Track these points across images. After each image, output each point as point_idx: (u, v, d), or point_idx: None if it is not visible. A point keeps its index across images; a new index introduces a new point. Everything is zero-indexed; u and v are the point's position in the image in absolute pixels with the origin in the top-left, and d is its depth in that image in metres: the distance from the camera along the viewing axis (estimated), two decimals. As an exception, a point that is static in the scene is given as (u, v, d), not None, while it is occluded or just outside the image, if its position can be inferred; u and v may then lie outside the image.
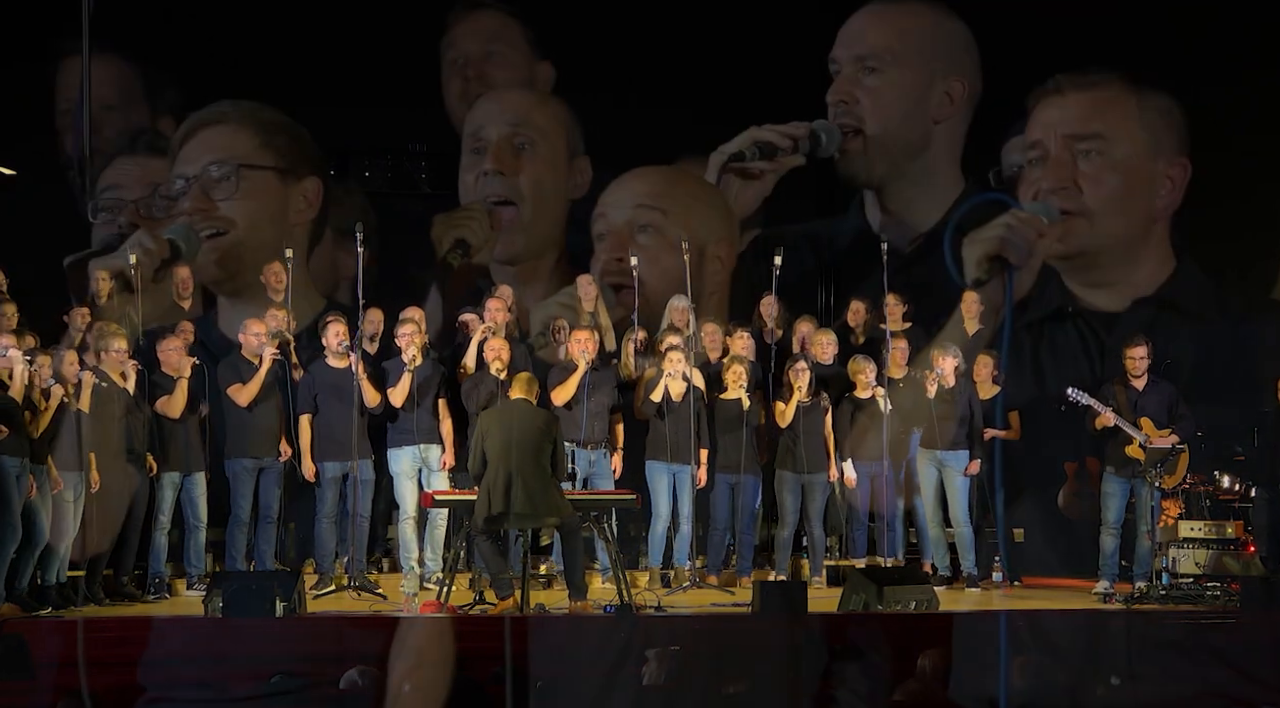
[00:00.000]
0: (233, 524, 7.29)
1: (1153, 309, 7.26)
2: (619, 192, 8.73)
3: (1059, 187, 7.00)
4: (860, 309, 8.26)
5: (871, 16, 9.08)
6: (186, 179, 8.31)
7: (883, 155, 9.04)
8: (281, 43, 8.75)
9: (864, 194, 9.20)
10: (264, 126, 8.58)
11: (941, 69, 8.98)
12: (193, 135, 8.52)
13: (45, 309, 7.67)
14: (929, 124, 9.02)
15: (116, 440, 6.76)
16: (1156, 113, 7.16)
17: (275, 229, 8.18)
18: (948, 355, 7.39)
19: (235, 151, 8.51)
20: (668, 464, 7.51)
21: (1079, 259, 7.12)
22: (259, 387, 7.25)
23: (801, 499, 7.65)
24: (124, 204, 8.49)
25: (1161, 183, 7.22)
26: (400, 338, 7.36)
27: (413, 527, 7.34)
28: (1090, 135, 7.04)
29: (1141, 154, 7.19)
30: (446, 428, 7.41)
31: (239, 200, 8.32)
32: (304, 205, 8.52)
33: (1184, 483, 7.47)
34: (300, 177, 8.49)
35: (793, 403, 7.58)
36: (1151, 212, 7.21)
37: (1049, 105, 7.24)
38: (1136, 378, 7.24)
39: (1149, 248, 7.24)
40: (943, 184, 9.03)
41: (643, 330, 7.91)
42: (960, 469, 7.50)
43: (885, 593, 6.46)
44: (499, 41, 9.53)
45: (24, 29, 8.83)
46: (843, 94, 8.92)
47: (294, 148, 8.62)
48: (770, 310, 8.19)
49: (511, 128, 9.09)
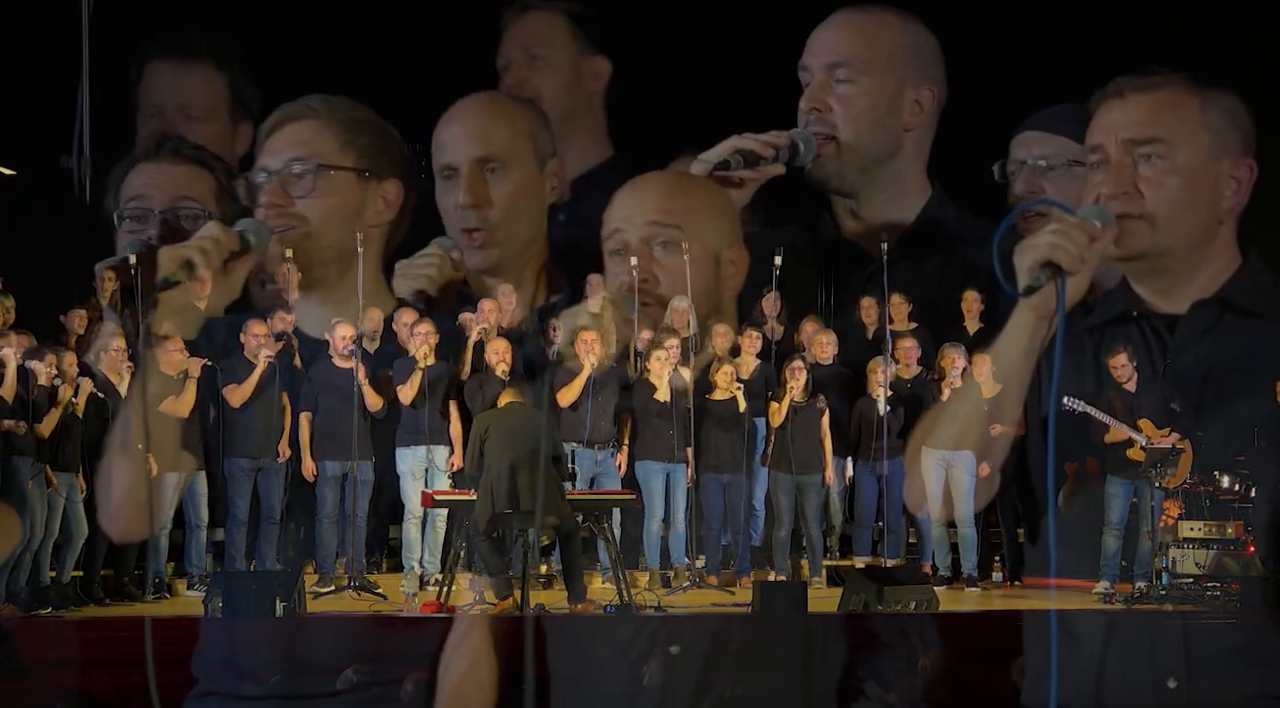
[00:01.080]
0: (231, 524, 7.30)
1: (1215, 310, 7.23)
2: (629, 207, 8.66)
3: (1119, 192, 6.90)
4: (871, 306, 8.31)
5: (842, 25, 9.10)
6: (268, 172, 8.25)
7: (855, 162, 9.09)
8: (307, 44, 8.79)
9: (832, 200, 9.24)
10: (350, 125, 8.50)
11: (912, 77, 9.03)
12: (279, 128, 8.44)
13: (45, 309, 7.68)
14: (900, 132, 9.08)
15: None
16: (1221, 113, 7.05)
17: (348, 229, 8.09)
18: (960, 355, 7.42)
19: (317, 150, 8.43)
20: (660, 464, 7.53)
21: (1143, 263, 7.04)
22: (253, 388, 7.27)
23: (797, 500, 7.66)
24: (151, 214, 8.45)
25: (1226, 184, 7.13)
26: (415, 337, 7.41)
27: (417, 527, 7.36)
28: (1150, 139, 6.93)
29: (1204, 157, 7.08)
30: (455, 429, 7.44)
31: (315, 199, 8.25)
32: (382, 206, 8.43)
33: (1184, 483, 7.46)
34: (382, 178, 8.41)
35: (785, 402, 7.60)
36: (1216, 214, 7.12)
37: (1110, 108, 7.14)
38: (1126, 383, 7.29)
39: (1214, 250, 7.18)
40: (911, 190, 9.13)
41: (648, 331, 7.92)
42: (967, 469, 7.51)
43: (885, 593, 6.47)
44: (543, 44, 9.52)
45: (23, 29, 8.83)
46: (815, 102, 8.95)
47: (378, 148, 8.53)
48: (771, 308, 8.22)
49: (479, 157, 9.04)
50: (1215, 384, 7.28)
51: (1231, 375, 7.34)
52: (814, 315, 8.47)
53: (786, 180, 8.89)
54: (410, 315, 7.72)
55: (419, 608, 6.63)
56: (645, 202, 8.47)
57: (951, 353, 7.48)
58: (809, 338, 8.18)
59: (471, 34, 9.27)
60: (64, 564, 6.66)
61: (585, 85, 9.56)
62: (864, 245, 8.66)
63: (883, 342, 7.93)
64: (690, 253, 8.14)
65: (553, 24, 9.53)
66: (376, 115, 8.65)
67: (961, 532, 7.59)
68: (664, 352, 7.48)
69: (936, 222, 8.93)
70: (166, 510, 6.98)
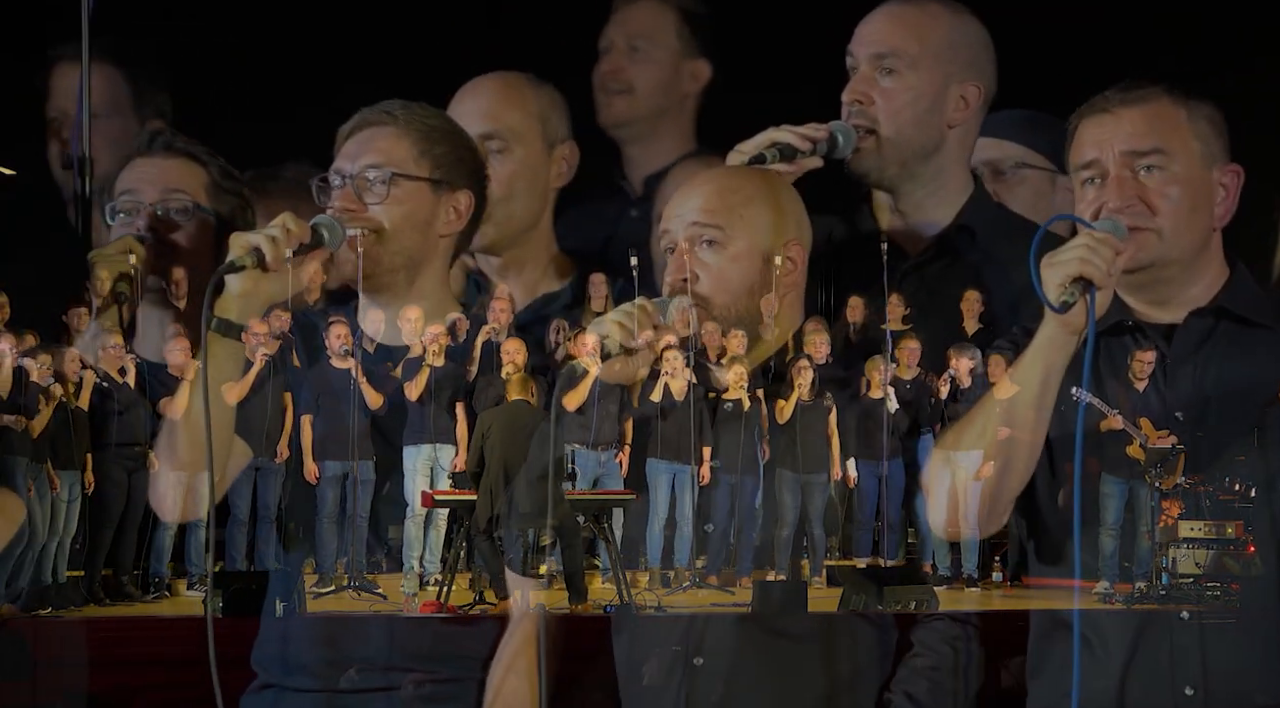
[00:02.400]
0: (231, 524, 7.31)
1: (1211, 319, 7.25)
2: (677, 206, 8.63)
3: (1125, 205, 6.87)
4: (859, 306, 8.26)
5: (890, 16, 9.02)
6: (343, 176, 8.23)
7: (895, 157, 9.00)
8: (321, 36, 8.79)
9: (874, 195, 9.18)
10: (426, 133, 8.42)
11: (958, 73, 8.94)
12: (357, 132, 8.38)
13: (46, 309, 7.67)
14: (943, 127, 8.98)
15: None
16: (1205, 121, 7.07)
17: (418, 237, 8.05)
18: (964, 356, 7.42)
19: (393, 158, 8.34)
20: (667, 463, 7.54)
21: (1144, 274, 7.05)
22: (249, 386, 7.28)
23: (801, 499, 7.69)
24: (142, 206, 8.42)
25: (1217, 191, 7.17)
26: (425, 336, 7.43)
27: (418, 526, 7.37)
28: (1149, 151, 6.93)
29: (1198, 165, 7.10)
30: (461, 430, 7.45)
31: (388, 205, 8.21)
32: (454, 217, 8.35)
33: (1184, 483, 7.47)
34: (455, 188, 8.35)
35: (792, 401, 7.62)
36: (1212, 222, 7.17)
37: (1098, 124, 7.14)
38: (1140, 380, 7.26)
39: (1209, 259, 7.22)
40: (953, 187, 9.00)
41: (648, 332, 7.90)
42: (971, 470, 7.52)
43: (885, 593, 6.50)
44: (646, 37, 9.47)
45: (23, 28, 8.82)
46: (858, 94, 8.87)
47: (454, 158, 8.45)
48: (770, 307, 8.21)
49: (482, 133, 9.03)
50: (1219, 393, 7.28)
51: (1236, 384, 7.35)
52: (817, 315, 8.45)
53: (826, 171, 8.84)
54: (415, 312, 7.72)
55: (419, 608, 6.64)
56: (690, 201, 8.40)
57: (954, 354, 7.48)
58: (806, 336, 8.18)
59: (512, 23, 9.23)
60: (46, 563, 6.64)
61: (682, 86, 9.54)
62: (901, 242, 8.59)
63: (881, 341, 7.95)
64: (733, 251, 8.08)
65: (662, 18, 9.51)
66: (455, 123, 8.62)
67: (963, 531, 7.60)
68: (674, 351, 7.48)
69: (972, 221, 8.87)
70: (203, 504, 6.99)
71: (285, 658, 5.48)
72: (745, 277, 8.21)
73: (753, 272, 8.33)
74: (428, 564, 7.36)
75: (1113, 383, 7.61)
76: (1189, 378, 7.26)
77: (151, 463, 7.01)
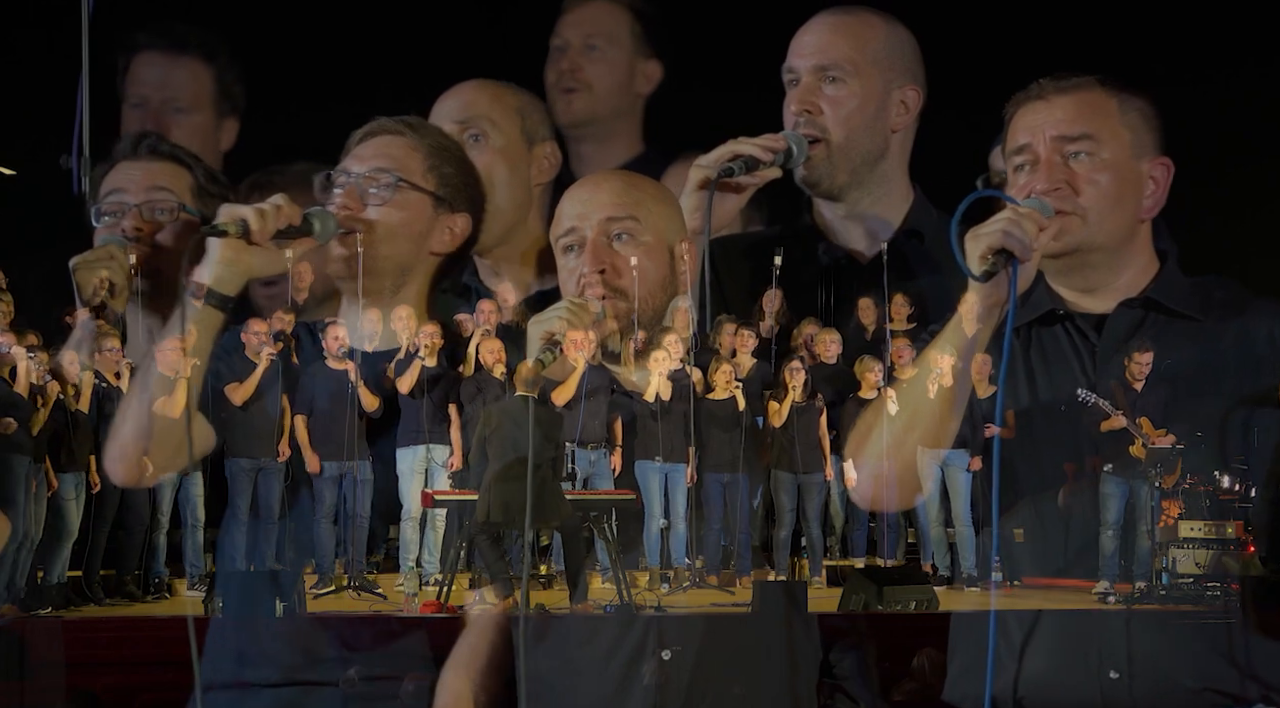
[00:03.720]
0: (232, 524, 7.31)
1: (1140, 310, 7.35)
2: (584, 203, 8.64)
3: (1052, 188, 6.98)
4: (869, 306, 8.33)
5: (829, 27, 9.10)
6: (349, 175, 8.24)
7: (845, 165, 9.08)
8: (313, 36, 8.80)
9: (816, 203, 9.24)
10: (437, 151, 8.49)
11: (897, 78, 9.05)
12: (371, 138, 8.42)
13: (45, 309, 7.67)
14: (888, 133, 9.08)
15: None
16: (1136, 113, 7.19)
17: (411, 247, 8.12)
18: (945, 355, 7.42)
19: (403, 166, 8.40)
20: (658, 463, 7.55)
21: (1070, 259, 7.14)
22: (254, 387, 7.29)
23: (799, 499, 7.70)
24: (127, 207, 8.43)
25: (1145, 183, 7.26)
26: (420, 334, 7.46)
27: (415, 527, 7.37)
28: (1079, 136, 7.04)
29: (1127, 155, 7.23)
30: (454, 430, 7.46)
31: (388, 209, 8.24)
32: (449, 237, 8.41)
33: (1184, 482, 7.48)
34: (455, 210, 8.41)
35: (787, 403, 7.65)
36: (1138, 212, 7.27)
37: (1032, 110, 7.27)
38: (1138, 381, 7.30)
39: (1135, 249, 7.31)
40: (897, 192, 9.13)
41: (643, 332, 7.93)
42: (963, 468, 7.55)
43: (885, 593, 6.50)
44: (601, 36, 9.56)
45: (22, 28, 8.82)
46: (806, 104, 8.94)
47: (459, 181, 8.53)
48: (771, 306, 8.25)
49: (460, 123, 9.05)
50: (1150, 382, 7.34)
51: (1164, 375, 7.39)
52: (813, 316, 8.48)
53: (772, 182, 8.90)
54: (405, 310, 7.74)
55: (419, 608, 6.63)
56: (599, 196, 8.45)
57: (937, 354, 7.47)
58: (809, 338, 8.19)
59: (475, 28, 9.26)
60: (54, 564, 6.64)
61: (636, 87, 9.60)
62: (847, 249, 8.66)
63: (882, 342, 7.97)
64: (645, 244, 8.16)
65: (617, 18, 9.56)
66: (465, 152, 8.69)
67: (959, 532, 7.62)
68: (662, 351, 7.50)
69: (920, 226, 8.96)
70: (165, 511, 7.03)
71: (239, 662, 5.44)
72: (659, 270, 8.30)
73: (663, 265, 8.40)
74: (427, 564, 7.36)
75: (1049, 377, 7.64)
76: (1118, 367, 7.31)
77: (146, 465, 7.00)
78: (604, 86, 9.62)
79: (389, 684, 5.58)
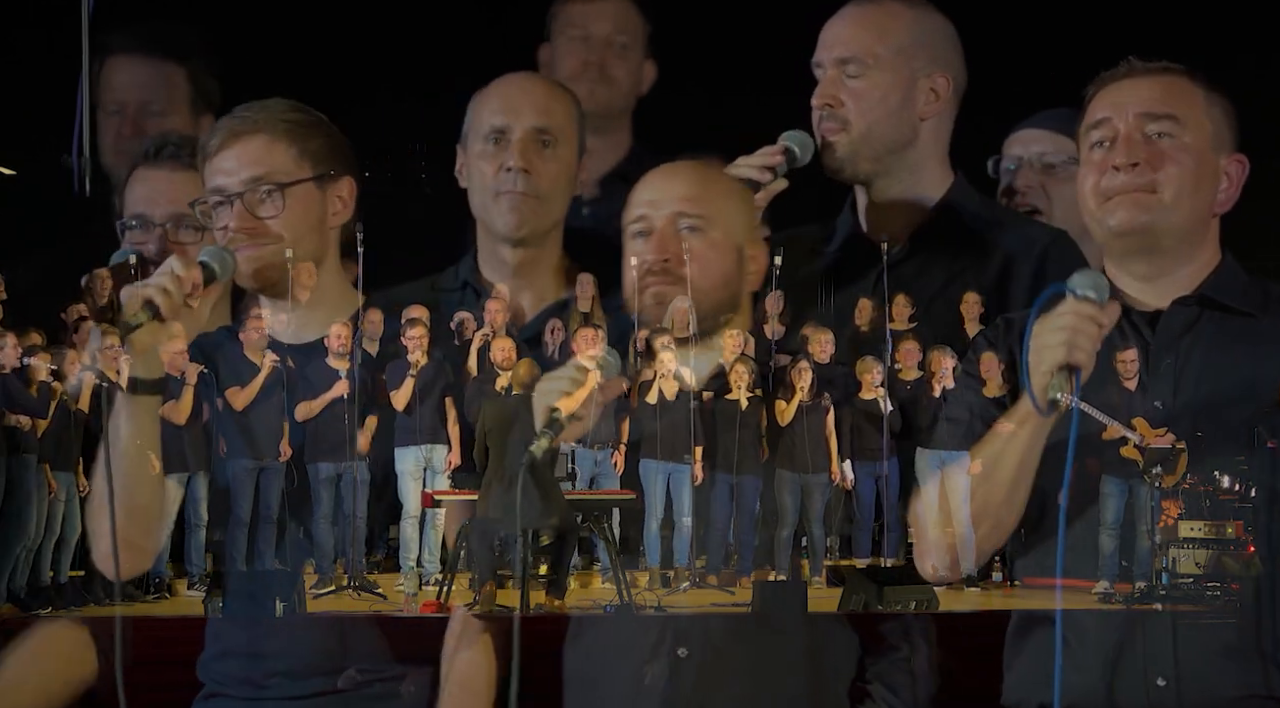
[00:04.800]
0: (233, 525, 7.31)
1: (1195, 307, 7.31)
2: (657, 191, 8.63)
3: (1131, 162, 6.94)
4: (867, 307, 8.32)
5: (851, 19, 9.06)
6: (227, 195, 8.21)
7: (867, 153, 9.03)
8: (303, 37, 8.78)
9: (854, 192, 9.18)
10: (297, 131, 8.33)
11: (924, 67, 8.98)
12: (226, 147, 8.33)
13: (46, 309, 7.68)
14: (915, 121, 9.02)
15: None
16: (1219, 108, 7.16)
17: (317, 237, 8.03)
18: (947, 356, 7.46)
19: (275, 166, 8.17)
20: (661, 463, 7.57)
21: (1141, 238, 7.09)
22: (257, 389, 7.28)
23: (801, 499, 7.72)
24: (153, 226, 8.40)
25: (1221, 178, 7.22)
26: (408, 339, 7.40)
27: (414, 527, 7.38)
28: (1164, 115, 6.96)
29: (1207, 145, 7.18)
30: (453, 428, 7.45)
31: (284, 216, 8.18)
32: (340, 206, 8.23)
33: (1184, 482, 7.47)
34: (336, 178, 8.33)
35: (794, 403, 7.66)
36: (1212, 205, 7.23)
37: (1118, 87, 7.20)
38: (1128, 380, 7.27)
39: (1203, 244, 7.27)
40: (930, 179, 9.02)
41: (644, 331, 7.92)
42: (963, 469, 7.52)
43: (885, 593, 6.51)
44: (627, 33, 9.56)
45: (22, 28, 8.82)
46: (827, 98, 8.91)
47: (328, 149, 8.36)
48: (774, 307, 8.25)
49: (536, 126, 8.98)
50: (1201, 383, 7.30)
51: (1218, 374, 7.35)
52: (813, 316, 8.48)
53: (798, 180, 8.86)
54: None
55: (419, 608, 6.65)
56: (673, 188, 8.40)
57: (939, 354, 7.52)
58: (807, 337, 8.21)
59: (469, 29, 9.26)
60: (60, 563, 6.67)
61: (637, 87, 9.61)
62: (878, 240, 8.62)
63: (881, 341, 7.97)
64: (713, 239, 8.09)
65: (634, 17, 9.56)
66: (314, 112, 8.62)
67: (959, 532, 7.60)
68: (668, 352, 7.51)
69: (956, 210, 8.86)
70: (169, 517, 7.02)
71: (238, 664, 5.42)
72: (724, 265, 8.26)
73: (730, 262, 8.37)
74: (427, 564, 7.37)
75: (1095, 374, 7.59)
76: (1170, 368, 7.27)
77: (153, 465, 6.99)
78: (625, 84, 9.59)
79: (389, 684, 5.57)
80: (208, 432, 7.31)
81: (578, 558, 7.41)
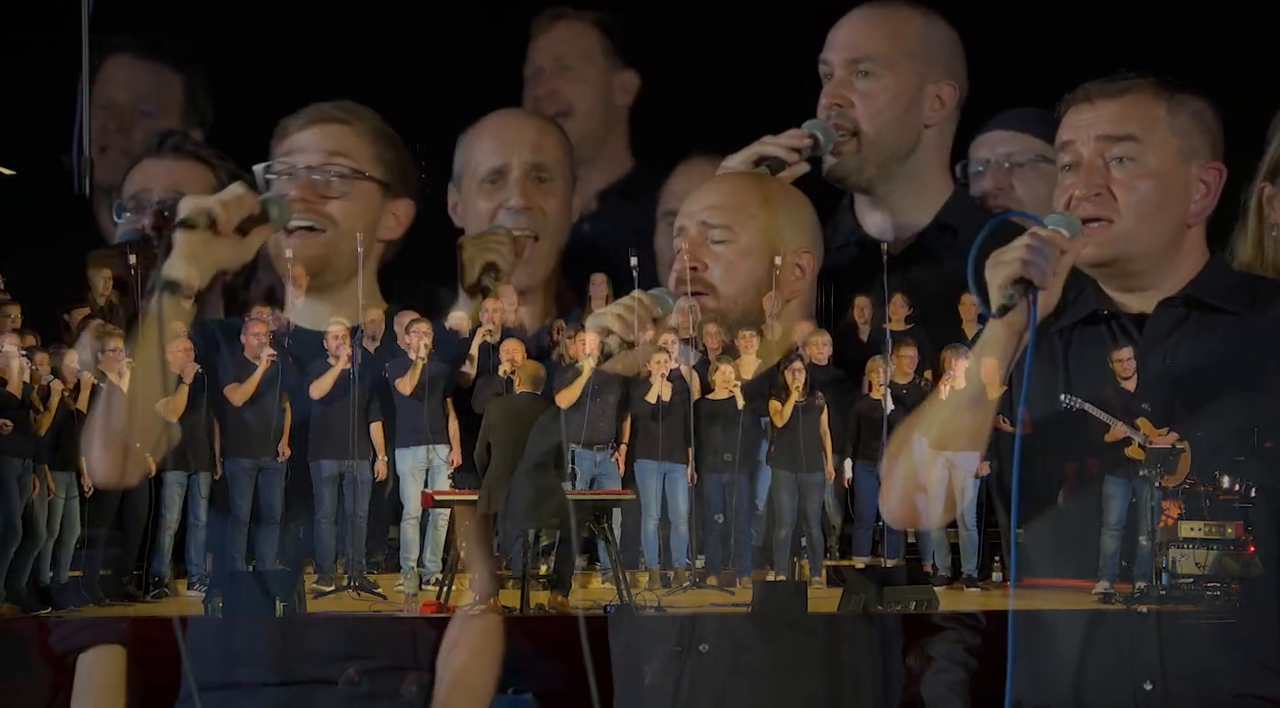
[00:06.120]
0: (233, 524, 7.33)
1: (1181, 309, 7.29)
2: (690, 200, 8.65)
3: (1092, 193, 6.93)
4: (865, 306, 8.33)
5: (862, 20, 9.07)
6: (297, 166, 8.17)
7: (874, 158, 9.03)
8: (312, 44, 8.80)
9: (853, 196, 9.22)
10: (381, 138, 8.43)
11: (932, 73, 8.99)
12: (312, 126, 8.33)
13: (45, 309, 7.69)
14: (920, 127, 9.03)
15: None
16: (1188, 117, 7.08)
17: (366, 239, 8.10)
18: (959, 357, 7.45)
19: (355, 157, 8.36)
20: (657, 463, 7.58)
21: (1113, 267, 7.12)
22: (254, 387, 7.31)
23: (799, 499, 7.73)
24: (148, 204, 8.42)
25: (1195, 188, 7.15)
26: (412, 333, 7.45)
27: (415, 527, 7.39)
28: (1124, 137, 6.96)
29: (1173, 160, 7.10)
30: (454, 427, 7.47)
31: (343, 203, 8.19)
32: (394, 222, 8.34)
33: (1185, 482, 7.47)
34: (397, 195, 8.38)
35: (790, 403, 7.67)
36: (1185, 218, 7.19)
37: (1079, 111, 7.22)
38: (1126, 379, 7.26)
39: (1184, 252, 7.22)
40: (931, 186, 9.04)
41: (650, 331, 7.91)
42: (969, 470, 7.52)
43: (885, 593, 6.52)
44: (574, 55, 9.52)
45: (22, 28, 8.83)
46: (837, 98, 8.91)
47: (400, 165, 8.49)
48: (771, 304, 8.25)
49: (533, 163, 9.03)
50: (1188, 383, 7.28)
51: (1205, 373, 7.33)
52: (809, 317, 8.49)
53: (805, 177, 8.87)
54: (409, 315, 7.78)
55: (419, 608, 6.66)
56: (702, 198, 8.42)
57: (950, 354, 7.51)
58: (804, 338, 8.21)
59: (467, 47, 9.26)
60: (60, 563, 6.67)
61: (615, 99, 9.57)
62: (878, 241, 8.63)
63: (882, 342, 7.98)
64: (741, 247, 8.09)
65: (585, 35, 9.53)
66: (396, 134, 8.66)
67: (962, 533, 7.63)
68: (663, 353, 7.53)
69: (954, 220, 8.90)
70: (173, 511, 7.04)
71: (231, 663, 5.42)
72: (752, 273, 8.24)
73: (760, 269, 8.35)
74: (428, 564, 7.38)
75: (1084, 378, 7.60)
76: (1157, 368, 7.26)
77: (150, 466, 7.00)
78: (585, 105, 9.53)
79: (389, 684, 5.57)
80: (209, 432, 7.34)
81: (578, 559, 7.43)
